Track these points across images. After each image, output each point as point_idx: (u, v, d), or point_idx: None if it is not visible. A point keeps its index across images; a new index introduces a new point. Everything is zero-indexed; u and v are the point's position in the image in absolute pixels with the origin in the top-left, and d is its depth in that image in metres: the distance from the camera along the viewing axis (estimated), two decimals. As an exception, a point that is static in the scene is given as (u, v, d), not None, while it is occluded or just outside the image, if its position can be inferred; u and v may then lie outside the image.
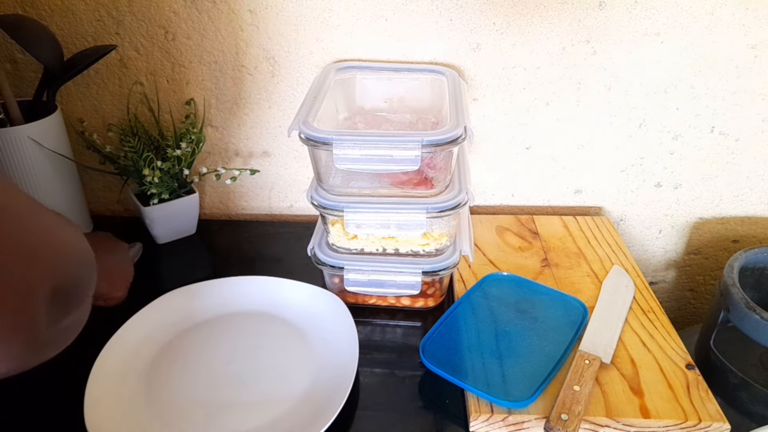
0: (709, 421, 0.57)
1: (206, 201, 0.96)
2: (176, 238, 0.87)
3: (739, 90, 0.83)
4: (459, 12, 0.79)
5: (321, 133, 0.62)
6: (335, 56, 0.83)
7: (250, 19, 0.80)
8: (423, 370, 0.65)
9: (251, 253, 0.86)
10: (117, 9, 0.80)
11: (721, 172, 0.90)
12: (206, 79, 0.85)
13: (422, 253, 0.70)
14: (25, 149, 0.75)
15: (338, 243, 0.71)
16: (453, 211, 0.66)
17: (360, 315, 0.71)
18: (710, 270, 1.00)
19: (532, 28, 0.79)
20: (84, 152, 0.88)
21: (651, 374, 0.62)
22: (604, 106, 0.85)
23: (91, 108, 0.88)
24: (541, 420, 0.57)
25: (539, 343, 0.65)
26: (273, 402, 0.60)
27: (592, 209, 0.95)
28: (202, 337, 0.68)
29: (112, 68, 0.85)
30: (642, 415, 0.57)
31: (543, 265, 0.80)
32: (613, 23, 0.79)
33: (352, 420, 0.59)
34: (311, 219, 0.95)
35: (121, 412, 0.57)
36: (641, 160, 0.90)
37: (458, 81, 0.77)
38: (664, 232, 0.97)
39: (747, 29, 0.79)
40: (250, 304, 0.72)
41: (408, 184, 0.68)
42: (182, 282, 0.73)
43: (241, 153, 0.91)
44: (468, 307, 0.71)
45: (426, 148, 0.61)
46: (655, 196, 0.93)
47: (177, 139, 0.82)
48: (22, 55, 0.84)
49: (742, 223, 0.95)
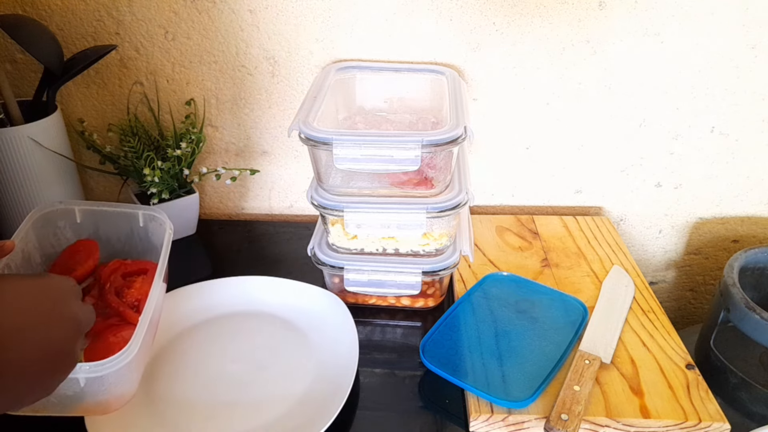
0: (709, 421, 0.57)
1: (206, 201, 0.96)
2: (176, 238, 0.87)
3: (739, 90, 0.83)
4: (459, 12, 0.79)
5: (321, 133, 0.62)
6: (335, 56, 0.83)
7: (250, 19, 0.80)
8: (423, 370, 0.65)
9: (251, 253, 0.86)
10: (117, 9, 0.80)
11: (721, 172, 0.90)
12: (206, 79, 0.85)
13: (422, 253, 0.70)
14: (25, 149, 0.75)
15: (338, 243, 0.71)
16: (453, 211, 0.66)
17: (360, 315, 0.71)
18: (710, 270, 1.00)
19: (532, 28, 0.79)
20: (84, 152, 0.88)
21: (651, 374, 0.62)
22: (604, 106, 0.85)
23: (91, 108, 0.88)
24: (541, 420, 0.57)
25: (539, 343, 0.65)
26: (273, 402, 0.60)
27: (592, 209, 0.95)
28: (202, 337, 0.68)
29: (112, 68, 0.85)
30: (642, 415, 0.57)
31: (543, 265, 0.80)
32: (613, 23, 0.79)
33: (352, 420, 0.59)
34: (311, 219, 0.95)
35: (121, 412, 0.57)
36: (641, 160, 0.90)
37: (458, 81, 0.77)
38: (664, 232, 0.97)
39: (747, 29, 0.79)
40: (250, 304, 0.72)
41: (408, 184, 0.68)
42: (182, 282, 0.73)
43: (241, 153, 0.91)
44: (468, 307, 0.71)
45: (426, 148, 0.61)
46: (655, 196, 0.93)
47: (177, 139, 0.82)
48: (22, 55, 0.84)
49: (742, 223, 0.95)
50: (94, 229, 0.67)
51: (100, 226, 0.67)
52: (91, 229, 0.66)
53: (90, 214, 0.66)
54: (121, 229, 0.67)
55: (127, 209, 0.65)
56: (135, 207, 0.65)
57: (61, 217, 0.65)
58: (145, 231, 0.66)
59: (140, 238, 0.67)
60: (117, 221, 0.66)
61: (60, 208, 0.64)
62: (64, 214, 0.65)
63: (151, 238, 0.66)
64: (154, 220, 0.65)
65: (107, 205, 0.66)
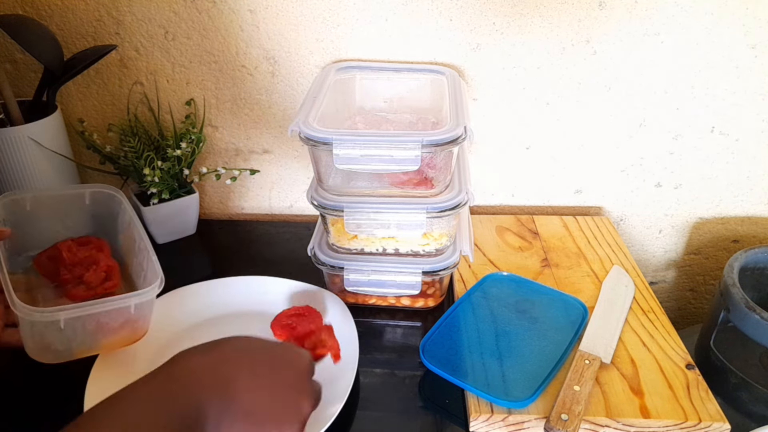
0: (709, 421, 0.57)
1: (206, 201, 0.96)
2: (176, 238, 0.87)
3: (739, 90, 0.83)
4: (459, 12, 0.79)
5: (321, 133, 0.62)
6: (335, 56, 0.83)
7: (250, 19, 0.80)
8: (423, 370, 0.65)
9: (251, 253, 0.86)
10: (117, 9, 0.80)
11: (721, 172, 0.90)
12: (206, 79, 0.85)
13: (422, 253, 0.70)
14: (25, 149, 0.75)
15: (338, 243, 0.71)
16: (453, 211, 0.66)
17: (360, 315, 0.71)
18: (710, 270, 1.00)
19: (532, 28, 0.79)
20: (84, 152, 0.88)
21: (651, 374, 0.62)
22: (604, 106, 0.85)
23: (91, 108, 0.88)
24: (541, 420, 0.57)
25: (539, 343, 0.65)
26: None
27: (592, 209, 0.95)
28: (202, 337, 0.67)
29: (112, 68, 0.85)
30: (642, 415, 0.57)
31: (543, 265, 0.80)
32: (613, 23, 0.79)
33: (352, 420, 0.59)
34: (311, 219, 0.95)
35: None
36: (641, 160, 0.90)
37: (458, 81, 0.77)
38: (664, 232, 0.97)
39: (747, 29, 0.79)
40: (250, 304, 0.72)
41: (408, 184, 0.68)
42: (182, 282, 0.73)
43: (241, 153, 0.91)
44: (468, 307, 0.71)
45: (426, 148, 0.61)
46: (655, 196, 0.93)
47: (177, 139, 0.82)
48: (22, 55, 0.84)
49: (742, 223, 0.95)
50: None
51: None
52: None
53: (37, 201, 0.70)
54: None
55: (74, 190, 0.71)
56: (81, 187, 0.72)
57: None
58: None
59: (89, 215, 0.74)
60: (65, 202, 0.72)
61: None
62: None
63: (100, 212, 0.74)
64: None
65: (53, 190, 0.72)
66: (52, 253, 0.70)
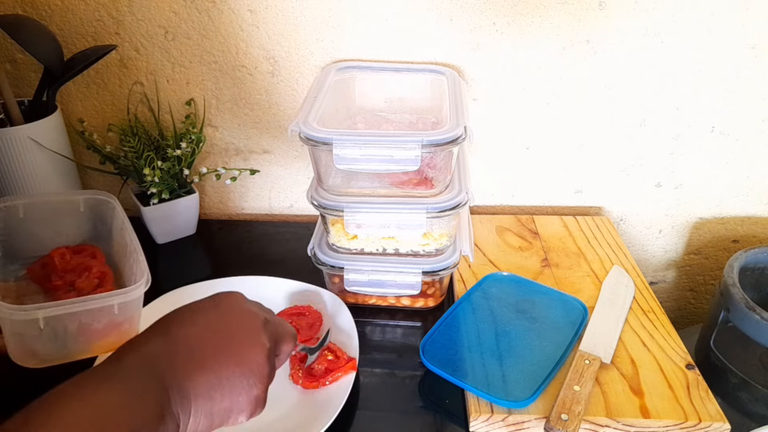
0: (709, 421, 0.57)
1: (206, 201, 0.96)
2: (176, 238, 0.87)
3: (739, 90, 0.83)
4: (459, 12, 0.79)
5: (321, 133, 0.62)
6: (335, 56, 0.83)
7: (250, 18, 0.80)
8: (423, 370, 0.65)
9: (251, 253, 0.86)
10: (117, 9, 0.80)
11: (721, 172, 0.90)
12: (206, 79, 0.85)
13: (422, 253, 0.70)
14: (25, 149, 0.75)
15: (338, 243, 0.71)
16: (453, 211, 0.66)
17: (360, 315, 0.71)
18: (710, 270, 1.00)
19: (532, 28, 0.79)
20: (84, 152, 0.88)
21: (651, 374, 0.62)
22: (604, 106, 0.85)
23: (91, 108, 0.88)
24: (541, 420, 0.57)
25: (539, 343, 0.65)
26: (273, 402, 0.59)
27: (592, 209, 0.95)
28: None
29: (112, 68, 0.85)
30: (642, 415, 0.57)
31: (543, 265, 0.80)
32: (613, 23, 0.79)
33: (352, 420, 0.59)
34: (311, 219, 0.95)
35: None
36: (641, 160, 0.90)
37: (458, 81, 0.77)
38: (664, 232, 0.97)
39: (747, 29, 0.79)
40: (250, 304, 0.72)
41: (408, 184, 0.68)
42: (182, 282, 0.73)
43: (241, 153, 0.91)
44: (468, 307, 0.71)
45: (426, 148, 0.61)
46: (655, 196, 0.93)
47: (177, 139, 0.82)
48: (22, 55, 0.84)
49: (742, 223, 0.95)
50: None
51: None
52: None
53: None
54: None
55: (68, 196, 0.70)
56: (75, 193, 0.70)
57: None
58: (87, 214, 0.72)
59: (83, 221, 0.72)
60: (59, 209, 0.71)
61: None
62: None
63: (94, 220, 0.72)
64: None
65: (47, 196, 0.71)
66: (45, 261, 0.69)
